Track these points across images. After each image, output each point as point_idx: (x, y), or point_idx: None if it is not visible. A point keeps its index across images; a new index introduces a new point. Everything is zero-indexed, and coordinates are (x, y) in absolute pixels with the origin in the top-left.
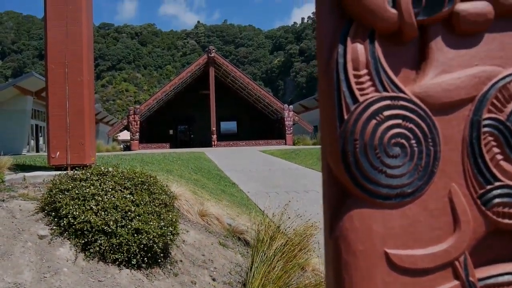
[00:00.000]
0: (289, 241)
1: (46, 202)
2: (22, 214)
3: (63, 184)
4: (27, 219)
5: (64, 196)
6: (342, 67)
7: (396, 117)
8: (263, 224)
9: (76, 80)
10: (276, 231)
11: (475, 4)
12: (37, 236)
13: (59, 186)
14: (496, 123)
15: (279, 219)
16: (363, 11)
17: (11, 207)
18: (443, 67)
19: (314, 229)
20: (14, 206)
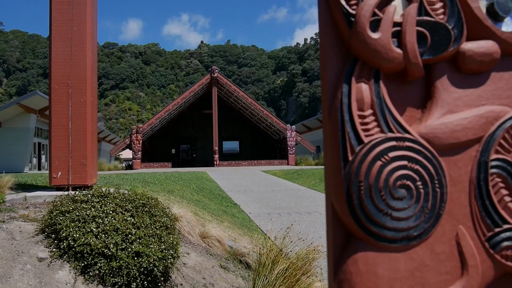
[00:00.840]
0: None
1: (47, 223)
2: (22, 236)
3: (63, 205)
4: (26, 241)
5: (64, 218)
6: (347, 107)
7: (401, 158)
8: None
9: (79, 101)
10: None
11: (481, 43)
12: (37, 259)
13: (59, 207)
14: (504, 164)
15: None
16: (368, 51)
17: (11, 228)
18: (449, 107)
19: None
20: (14, 227)
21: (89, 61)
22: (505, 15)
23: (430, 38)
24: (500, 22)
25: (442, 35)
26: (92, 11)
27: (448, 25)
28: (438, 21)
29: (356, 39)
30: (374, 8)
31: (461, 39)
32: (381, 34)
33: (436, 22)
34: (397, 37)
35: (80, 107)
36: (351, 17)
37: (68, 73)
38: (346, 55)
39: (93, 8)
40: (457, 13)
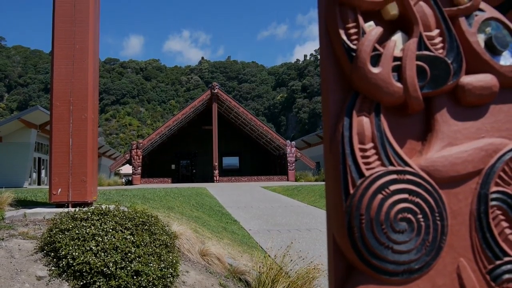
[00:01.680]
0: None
1: (46, 242)
2: (21, 254)
3: (63, 223)
4: (25, 259)
5: (64, 236)
6: (348, 140)
7: (402, 191)
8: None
9: (80, 118)
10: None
11: (479, 77)
12: (35, 277)
13: (59, 225)
14: (504, 196)
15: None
16: (369, 85)
17: (10, 246)
18: (449, 139)
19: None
20: (13, 245)
21: (91, 78)
22: (503, 49)
23: (429, 72)
24: (499, 55)
25: (441, 69)
26: (94, 28)
27: (447, 59)
28: (438, 55)
29: (357, 73)
30: (374, 43)
31: (460, 73)
32: (382, 69)
33: (435, 57)
34: (397, 71)
35: (81, 124)
36: (352, 52)
37: (70, 90)
38: (347, 88)
39: (96, 26)
40: (456, 48)
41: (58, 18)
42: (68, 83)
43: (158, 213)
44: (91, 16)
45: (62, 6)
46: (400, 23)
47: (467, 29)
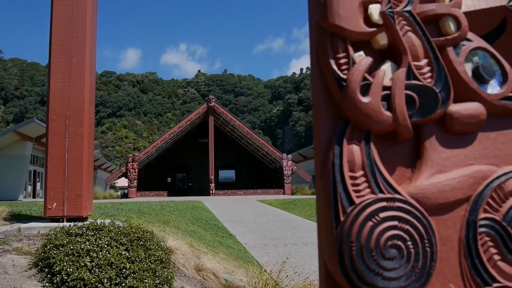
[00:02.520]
0: None
1: (40, 257)
2: (14, 270)
3: (57, 239)
4: (19, 275)
5: (58, 252)
6: (338, 168)
7: (392, 218)
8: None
9: (76, 132)
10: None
11: (467, 105)
12: None
13: (53, 241)
14: (492, 223)
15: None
16: (359, 114)
17: (4, 262)
18: (438, 167)
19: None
20: (7, 261)
21: (87, 92)
22: (490, 78)
23: (418, 101)
24: (486, 84)
25: (430, 98)
26: (91, 43)
27: (436, 88)
28: (426, 84)
29: (347, 102)
30: (364, 73)
31: (448, 102)
32: (371, 98)
33: (424, 86)
34: (386, 100)
35: (77, 138)
36: (342, 81)
37: (66, 105)
38: (338, 116)
39: (93, 41)
40: (444, 77)
41: (56, 32)
42: (64, 97)
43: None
44: (88, 30)
45: (59, 21)
46: (390, 52)
47: (455, 58)
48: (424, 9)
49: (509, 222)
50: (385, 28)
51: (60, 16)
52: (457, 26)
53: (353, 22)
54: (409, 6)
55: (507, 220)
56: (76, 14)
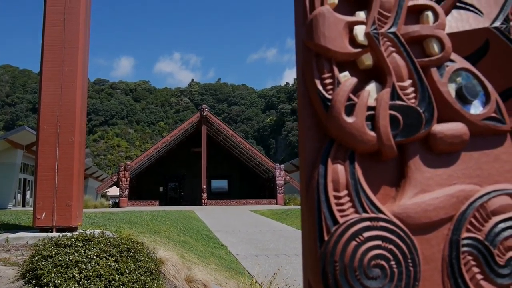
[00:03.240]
0: None
1: (28, 268)
2: (1, 281)
3: (46, 250)
4: (6, 287)
5: (46, 263)
6: (323, 188)
7: (376, 238)
8: None
9: (67, 141)
10: None
11: (450, 125)
12: None
13: (42, 252)
14: (475, 242)
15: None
16: (344, 134)
17: None
18: (422, 186)
19: None
20: None
21: (79, 102)
22: (473, 98)
23: (402, 121)
24: (469, 104)
25: (413, 118)
26: (84, 52)
27: (419, 108)
28: (410, 105)
29: (332, 122)
30: (349, 93)
31: (432, 122)
32: (356, 118)
33: (408, 106)
34: (371, 120)
35: (67, 147)
36: (327, 101)
37: (57, 114)
38: (323, 136)
39: (85, 49)
40: (427, 98)
41: (48, 41)
42: (55, 106)
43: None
44: (81, 39)
45: (52, 29)
46: (375, 72)
47: (439, 79)
48: (409, 31)
49: (491, 242)
50: (370, 49)
51: (53, 24)
52: (441, 47)
53: (338, 42)
54: (393, 27)
55: (490, 240)
56: (69, 22)
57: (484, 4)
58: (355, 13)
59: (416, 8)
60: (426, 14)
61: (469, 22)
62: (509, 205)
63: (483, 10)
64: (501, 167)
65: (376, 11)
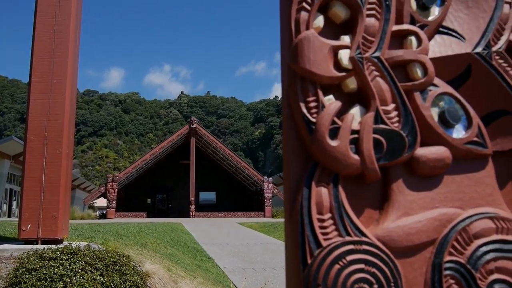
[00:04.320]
0: None
1: (11, 282)
2: None
3: (30, 263)
4: None
5: (30, 276)
6: (307, 211)
7: (359, 261)
8: None
9: (55, 153)
10: None
11: (433, 149)
12: None
13: (26, 265)
14: (457, 266)
15: None
16: (328, 157)
17: None
18: (405, 209)
19: None
20: None
21: (67, 113)
22: (455, 122)
23: (386, 144)
24: (451, 128)
25: (397, 142)
26: (73, 64)
27: (403, 132)
28: (393, 129)
29: (316, 145)
30: (333, 117)
31: (415, 146)
32: (340, 142)
33: (391, 130)
34: (355, 143)
35: (55, 159)
36: (312, 124)
37: (45, 125)
38: (307, 158)
39: (75, 61)
40: (411, 121)
41: (37, 52)
42: (43, 117)
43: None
44: (70, 51)
45: (41, 40)
46: (359, 96)
47: (422, 103)
48: (392, 55)
49: (473, 265)
50: (354, 73)
51: (43, 37)
52: (424, 72)
53: (323, 66)
54: (377, 52)
55: (472, 263)
56: (58, 34)
57: (466, 30)
58: (340, 37)
59: (400, 33)
60: (409, 39)
61: (452, 47)
62: (490, 228)
63: (466, 36)
64: (482, 190)
65: (361, 35)
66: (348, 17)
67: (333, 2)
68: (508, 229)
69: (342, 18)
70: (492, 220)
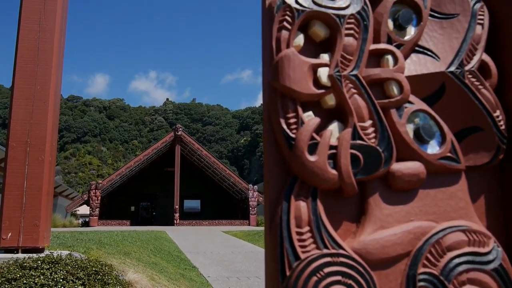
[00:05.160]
0: None
1: None
2: None
3: (10, 272)
4: None
5: (10, 286)
6: (286, 224)
7: (336, 273)
8: None
9: (37, 160)
10: None
11: (408, 164)
12: None
13: (5, 275)
14: (430, 277)
15: None
16: (306, 172)
17: None
18: (381, 223)
19: None
20: None
21: (51, 120)
22: (430, 138)
23: (363, 160)
24: (426, 144)
25: (373, 157)
26: (57, 70)
27: (379, 148)
28: (370, 144)
29: (295, 161)
30: (312, 132)
31: (391, 161)
32: (318, 157)
33: (368, 146)
34: (333, 158)
35: (37, 166)
36: (291, 140)
37: (28, 132)
38: (287, 173)
39: (59, 67)
40: (387, 137)
41: (21, 58)
42: (26, 124)
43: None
44: (54, 57)
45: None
46: (337, 112)
47: (398, 120)
48: (370, 73)
49: (446, 277)
50: (333, 90)
51: (27, 42)
52: (400, 89)
53: (302, 84)
54: (355, 70)
55: (445, 275)
56: (43, 40)
57: (441, 49)
58: (320, 55)
59: (377, 52)
60: (386, 58)
61: (427, 66)
62: (463, 241)
63: (440, 55)
64: (456, 204)
65: (339, 54)
66: (328, 36)
67: (313, 21)
68: (479, 242)
69: (321, 37)
70: (465, 233)
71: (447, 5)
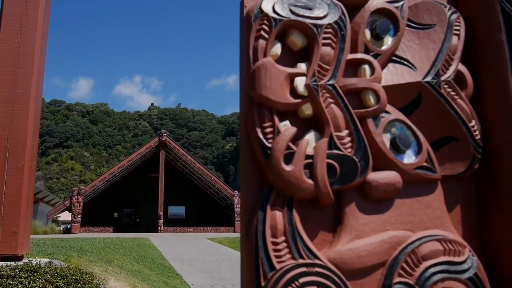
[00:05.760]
0: None
1: None
2: None
3: None
4: None
5: None
6: (261, 234)
7: (311, 283)
8: None
9: (17, 166)
10: None
11: (385, 174)
12: None
13: None
14: (406, 287)
15: None
16: (282, 182)
17: None
18: (357, 232)
19: None
20: None
21: (31, 125)
22: (406, 148)
23: (339, 169)
24: (402, 154)
25: (350, 167)
26: (38, 74)
27: (355, 158)
28: (346, 154)
29: (271, 170)
30: (288, 142)
31: (367, 170)
32: (294, 167)
33: (344, 155)
34: (309, 168)
35: (17, 172)
36: (267, 149)
37: (7, 136)
38: (263, 182)
39: (40, 71)
40: (363, 147)
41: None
42: (6, 128)
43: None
44: (36, 61)
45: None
46: (314, 121)
47: (374, 129)
48: (347, 83)
49: (421, 286)
50: (309, 100)
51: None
52: (377, 99)
53: (279, 93)
54: (332, 79)
55: (420, 284)
56: (24, 43)
57: (418, 59)
58: (297, 64)
59: (354, 61)
60: (363, 67)
61: (404, 76)
62: (438, 250)
63: (417, 65)
64: (432, 213)
65: (316, 63)
66: (305, 45)
67: (291, 30)
68: (455, 251)
69: (299, 46)
70: (440, 242)
71: (424, 16)
